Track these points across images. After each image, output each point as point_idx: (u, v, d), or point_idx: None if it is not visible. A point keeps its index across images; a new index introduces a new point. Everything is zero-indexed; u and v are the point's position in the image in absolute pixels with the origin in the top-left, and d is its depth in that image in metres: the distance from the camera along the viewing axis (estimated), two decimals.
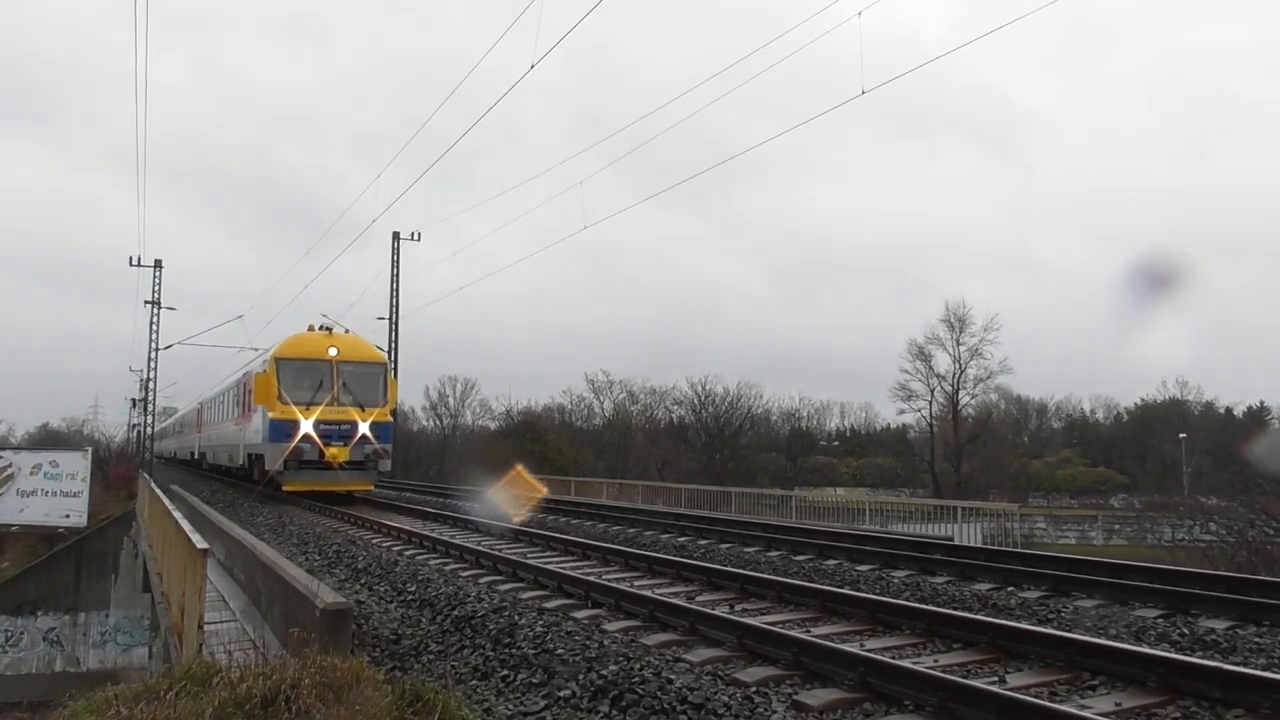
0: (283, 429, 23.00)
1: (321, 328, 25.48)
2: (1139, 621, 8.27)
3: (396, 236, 41.00)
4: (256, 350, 40.18)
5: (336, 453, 23.12)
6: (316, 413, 23.09)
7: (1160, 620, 8.33)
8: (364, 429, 23.46)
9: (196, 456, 44.26)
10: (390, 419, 25.48)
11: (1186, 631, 7.86)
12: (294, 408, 23.07)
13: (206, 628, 9.42)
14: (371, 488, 25.77)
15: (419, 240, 41.63)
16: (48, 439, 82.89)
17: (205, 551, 9.24)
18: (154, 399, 50.97)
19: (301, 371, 23.77)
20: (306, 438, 22.93)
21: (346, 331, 26.27)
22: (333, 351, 24.00)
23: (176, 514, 14.38)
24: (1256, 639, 7.56)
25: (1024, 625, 7.39)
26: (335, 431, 23.26)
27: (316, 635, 8.06)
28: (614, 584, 9.45)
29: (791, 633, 6.96)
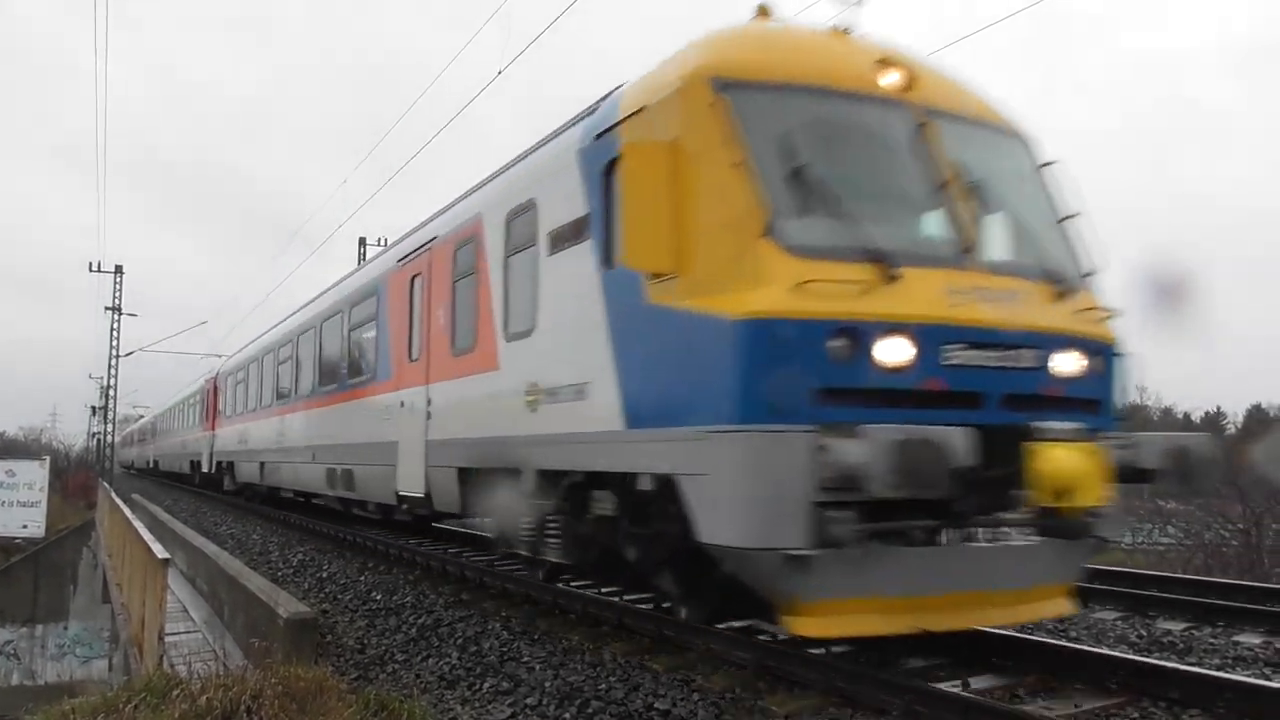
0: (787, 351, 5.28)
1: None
2: (1099, 624, 8.41)
3: (362, 242, 40.68)
4: (221, 357, 38.79)
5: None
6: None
7: (1119, 622, 8.47)
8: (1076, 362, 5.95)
9: (211, 467, 27.76)
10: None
11: (1145, 633, 8.00)
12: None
13: (167, 639, 9.30)
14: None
15: (384, 245, 41.35)
16: (4, 448, 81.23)
17: (167, 561, 9.12)
18: (114, 406, 50.16)
19: (829, 131, 6.21)
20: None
21: None
22: (894, 81, 6.27)
23: (137, 524, 14.17)
24: (1211, 640, 7.72)
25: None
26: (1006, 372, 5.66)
27: (279, 645, 7.98)
28: None
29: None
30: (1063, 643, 7.10)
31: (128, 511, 18.61)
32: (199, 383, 32.56)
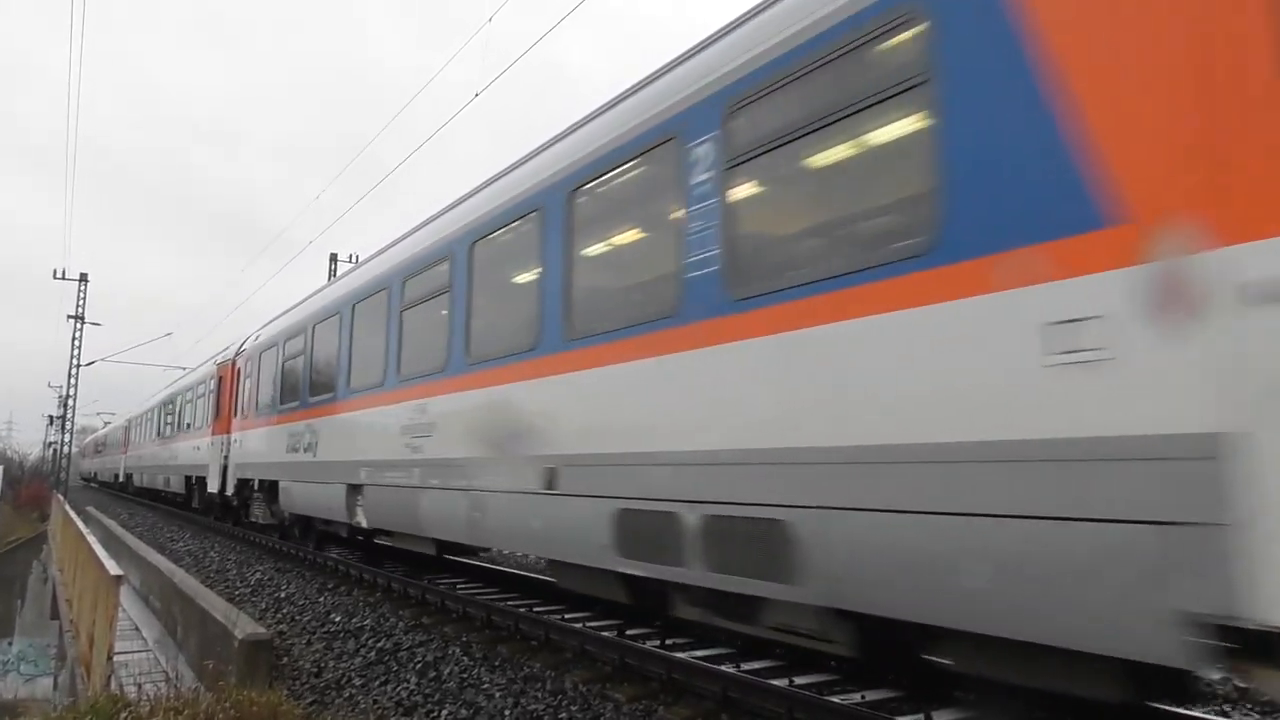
0: None
1: None
2: None
3: (334, 259, 40.41)
4: (184, 369, 37.69)
5: None
6: None
7: None
8: None
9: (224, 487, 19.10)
10: None
11: None
12: None
13: (117, 658, 9.08)
14: None
15: (355, 261, 41.05)
16: None
17: (119, 578, 8.93)
18: (73, 416, 49.24)
19: None
20: None
21: None
22: None
23: (90, 538, 13.87)
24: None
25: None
26: None
27: (234, 667, 7.83)
28: None
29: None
30: None
31: (81, 525, 18.22)
32: (206, 367, 23.31)
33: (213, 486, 19.70)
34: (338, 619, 10.43)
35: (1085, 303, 3.68)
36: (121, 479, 43.02)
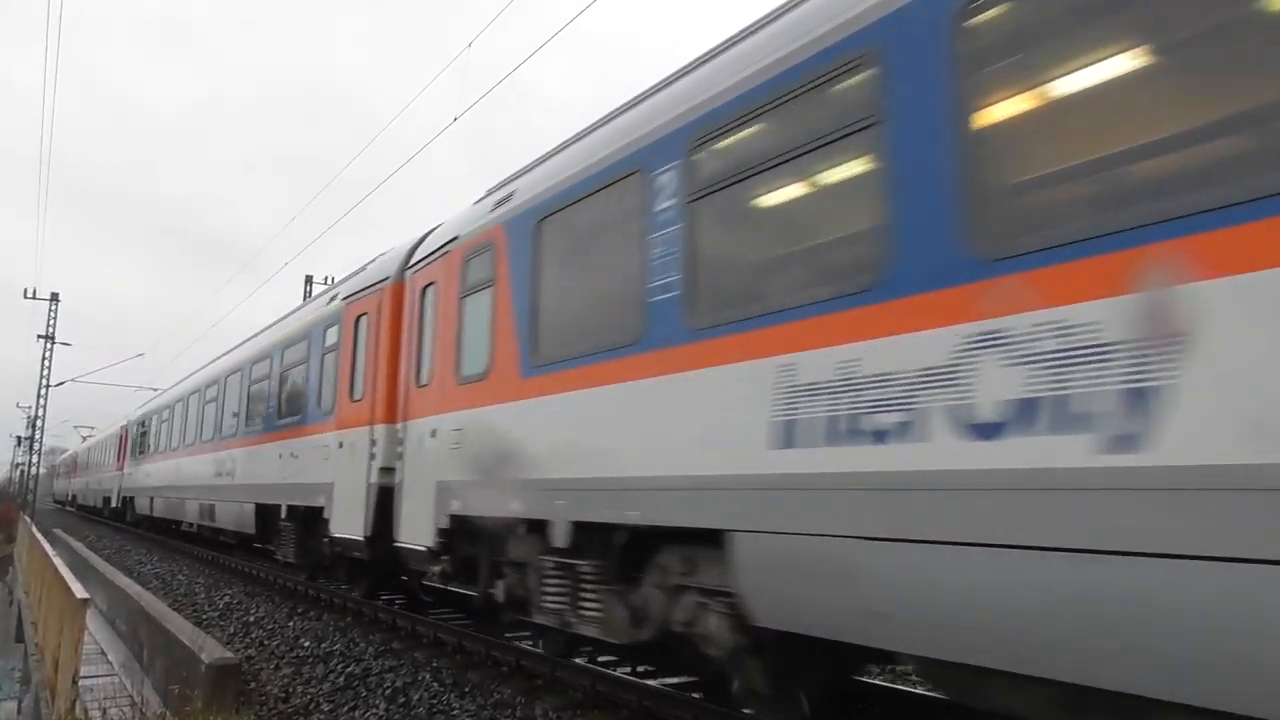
0: None
1: None
2: None
3: (309, 280, 40.28)
4: (155, 390, 36.79)
5: None
6: None
7: None
8: None
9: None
10: None
11: None
12: None
13: (82, 682, 8.97)
14: None
15: (331, 283, 40.85)
16: None
17: (86, 601, 8.83)
18: (42, 437, 48.61)
19: None
20: None
21: None
22: None
23: (57, 560, 13.71)
24: None
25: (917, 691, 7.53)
26: None
27: (200, 691, 7.75)
28: None
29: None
30: None
31: (48, 547, 17.98)
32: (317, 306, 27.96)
33: (349, 529, 10.63)
34: (307, 643, 10.35)
35: None
36: (115, 503, 33.32)
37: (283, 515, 13.29)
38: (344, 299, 11.99)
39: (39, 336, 46.39)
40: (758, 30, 5.89)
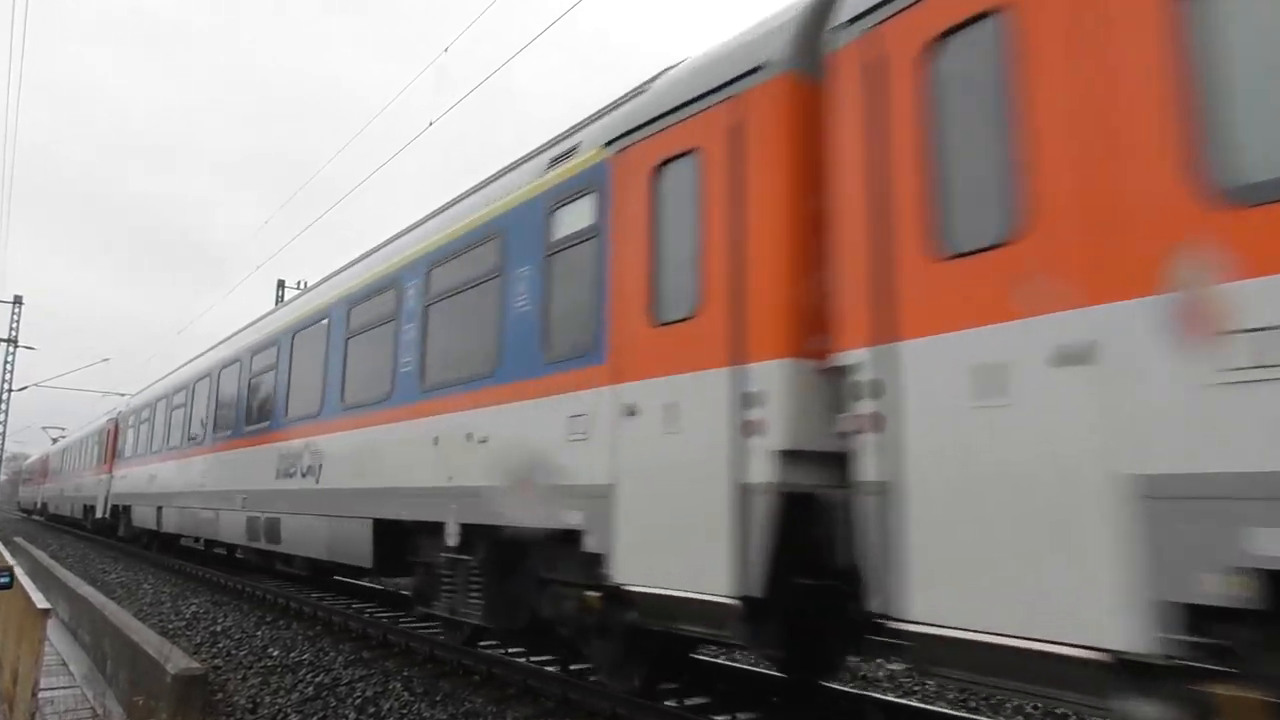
0: None
1: None
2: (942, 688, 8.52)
3: (281, 285, 39.92)
4: (124, 395, 35.16)
5: None
6: None
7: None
8: None
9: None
10: None
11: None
12: None
13: (42, 694, 8.76)
14: None
15: (304, 288, 40.52)
16: None
17: (47, 611, 8.63)
18: (3, 444, 47.78)
19: None
20: None
21: None
22: None
23: (17, 569, 13.44)
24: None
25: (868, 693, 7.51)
26: None
27: (165, 703, 7.61)
28: None
29: None
30: (943, 707, 7.17)
31: (7, 555, 17.63)
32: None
33: (678, 574, 5.84)
34: (276, 653, 10.19)
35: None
36: (102, 513, 27.25)
37: (451, 539, 8.20)
38: (612, 142, 6.88)
39: (1, 340, 45.64)
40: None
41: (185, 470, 17.81)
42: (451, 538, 8.20)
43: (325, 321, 11.85)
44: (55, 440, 50.80)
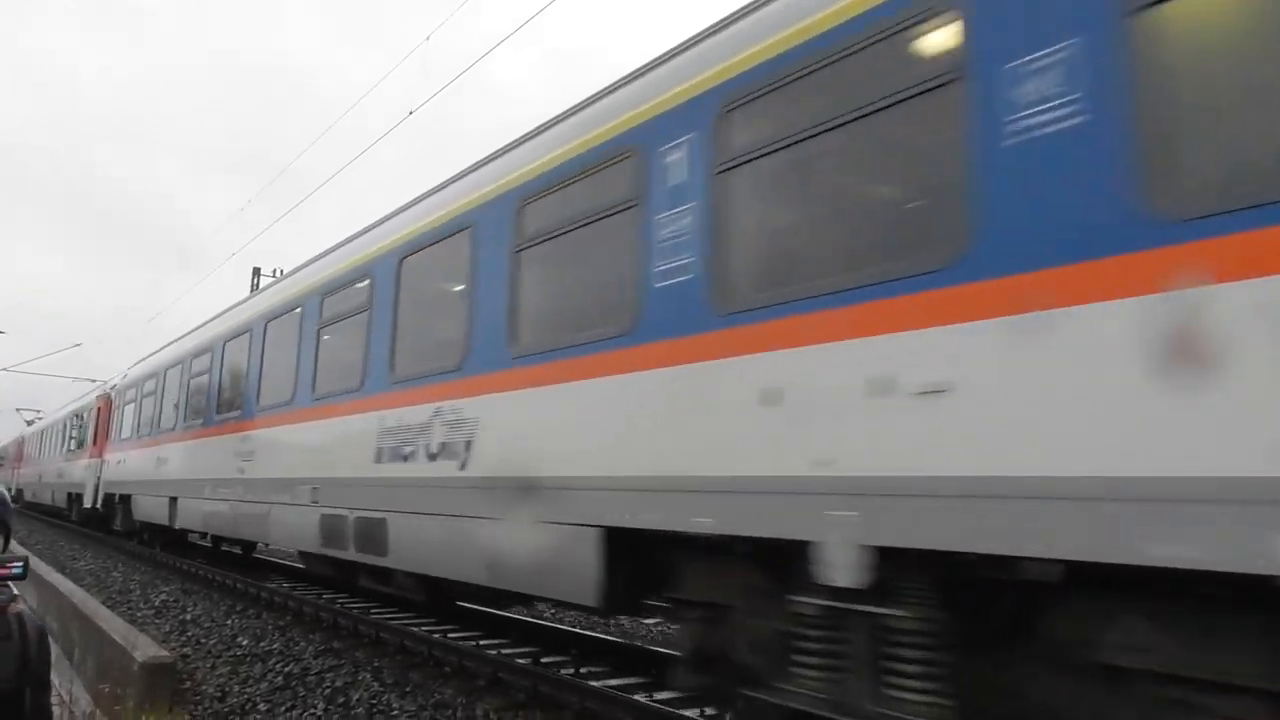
0: None
1: None
2: None
3: (257, 272, 39.63)
4: (95, 381, 34.16)
5: None
6: None
7: None
8: None
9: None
10: None
11: None
12: None
13: None
14: None
15: (279, 276, 40.18)
16: None
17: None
18: None
19: None
20: None
21: None
22: None
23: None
24: None
25: None
26: None
27: (132, 691, 7.59)
28: None
29: None
30: None
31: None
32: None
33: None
34: (245, 642, 10.16)
35: None
36: (92, 503, 22.75)
37: (844, 574, 4.34)
38: None
39: None
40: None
41: (214, 453, 13.69)
42: (844, 571, 4.30)
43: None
44: (31, 423, 47.25)
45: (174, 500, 15.57)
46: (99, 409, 23.54)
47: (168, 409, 16.81)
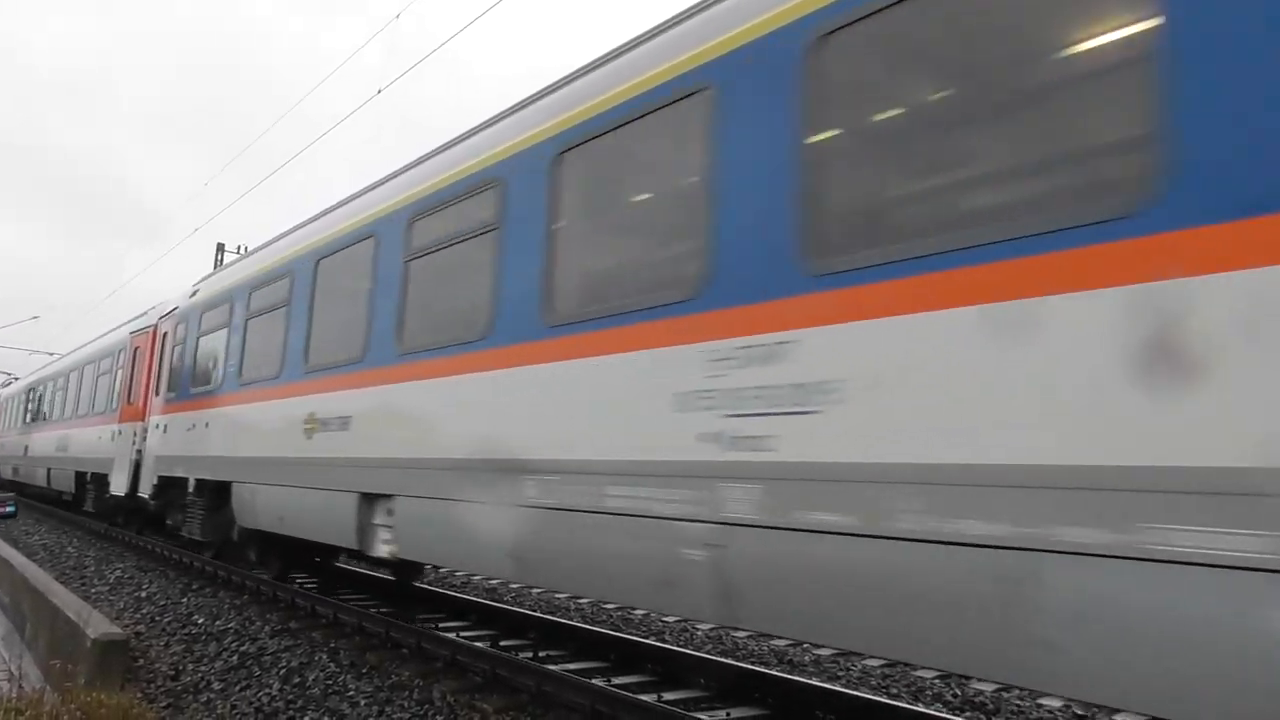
0: None
1: None
2: (919, 681, 8.77)
3: (221, 248, 39.10)
4: (53, 355, 32.44)
5: None
6: None
7: (937, 681, 8.86)
8: None
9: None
10: None
11: (959, 693, 8.40)
12: None
13: None
14: None
15: (244, 252, 39.64)
16: None
17: None
18: None
19: None
20: None
21: None
22: None
23: None
24: (1018, 701, 8.17)
25: (813, 682, 7.70)
26: None
27: (84, 667, 7.50)
28: None
29: None
30: (881, 699, 7.38)
31: None
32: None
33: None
34: (200, 620, 10.08)
35: None
36: (129, 489, 15.18)
37: None
38: None
39: None
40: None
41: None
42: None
43: None
44: (6, 384, 38.04)
45: (367, 499, 7.96)
46: (135, 349, 16.40)
47: (319, 338, 9.36)
